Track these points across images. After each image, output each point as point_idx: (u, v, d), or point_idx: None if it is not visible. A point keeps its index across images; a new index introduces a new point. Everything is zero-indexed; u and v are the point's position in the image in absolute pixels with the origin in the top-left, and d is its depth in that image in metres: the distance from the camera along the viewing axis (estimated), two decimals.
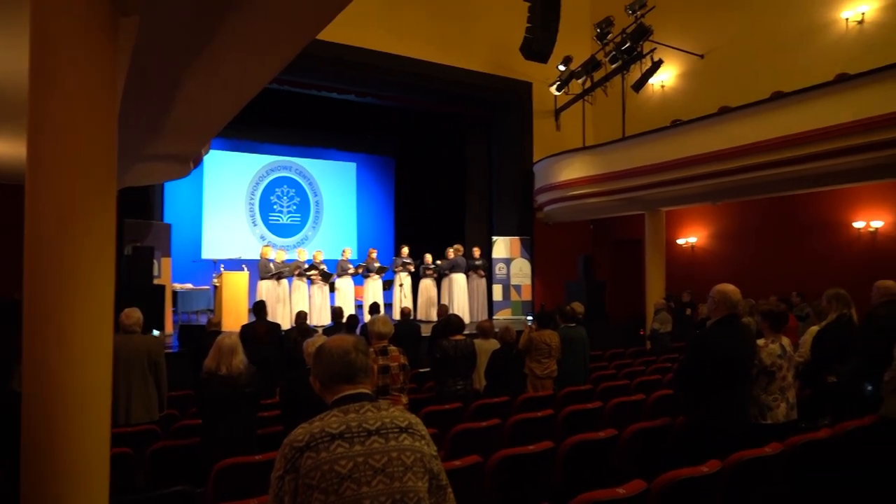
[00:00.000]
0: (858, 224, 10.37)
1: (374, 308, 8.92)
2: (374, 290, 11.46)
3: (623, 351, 9.72)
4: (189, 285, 12.28)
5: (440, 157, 15.79)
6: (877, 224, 10.17)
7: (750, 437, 3.46)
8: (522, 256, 13.60)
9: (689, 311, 10.78)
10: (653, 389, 5.59)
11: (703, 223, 12.99)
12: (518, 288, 13.55)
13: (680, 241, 13.28)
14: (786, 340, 3.91)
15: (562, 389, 5.92)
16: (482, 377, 6.32)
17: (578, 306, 7.03)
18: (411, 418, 1.77)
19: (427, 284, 12.06)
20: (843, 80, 8.57)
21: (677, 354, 8.36)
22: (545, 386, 6.24)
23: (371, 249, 12.01)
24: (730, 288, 3.59)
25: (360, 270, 11.55)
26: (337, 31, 9.99)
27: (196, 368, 5.04)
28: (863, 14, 10.27)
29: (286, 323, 9.82)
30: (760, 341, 3.83)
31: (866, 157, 8.04)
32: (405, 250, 12.09)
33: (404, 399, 4.59)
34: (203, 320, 10.98)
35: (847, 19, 10.46)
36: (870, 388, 4.24)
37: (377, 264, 11.65)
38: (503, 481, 3.32)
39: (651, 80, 12.89)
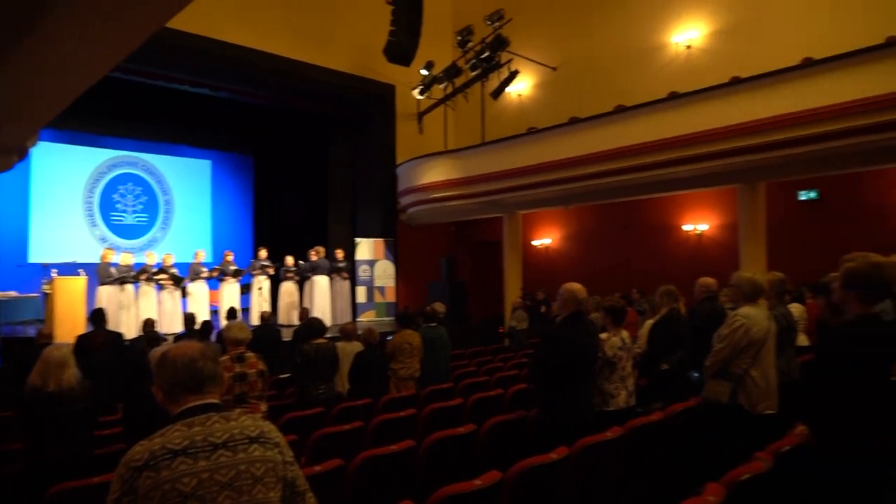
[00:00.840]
0: (688, 227, 11.56)
1: (231, 313, 8.52)
2: (230, 294, 10.93)
3: (483, 349, 10.06)
4: (13, 293, 10.96)
5: (302, 157, 15.39)
6: (702, 227, 11.40)
7: (594, 423, 3.73)
8: (386, 258, 13.64)
9: (543, 309, 11.39)
10: (511, 384, 5.84)
11: (557, 226, 13.81)
12: (382, 290, 13.56)
13: (536, 243, 14.01)
14: (625, 333, 4.26)
15: (424, 389, 6.01)
16: (345, 380, 6.25)
17: (440, 307, 7.17)
18: (264, 427, 1.70)
19: (288, 287, 11.71)
20: (674, 98, 9.52)
21: (533, 350, 8.79)
22: (408, 386, 6.29)
23: (227, 252, 11.45)
24: (576, 286, 3.85)
25: (215, 274, 10.97)
26: (191, 21, 9.42)
27: (22, 386, 4.51)
28: (690, 40, 11.47)
29: (131, 332, 9.07)
30: (603, 335, 4.14)
31: (694, 168, 8.99)
32: (263, 252, 11.64)
33: (263, 407, 4.41)
34: (32, 332, 9.83)
35: (678, 44, 11.63)
36: (696, 374, 4.74)
37: (233, 267, 11.12)
38: (366, 482, 3.31)
39: (509, 89, 13.48)
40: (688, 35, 11.50)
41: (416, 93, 13.50)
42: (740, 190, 9.36)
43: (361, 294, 13.35)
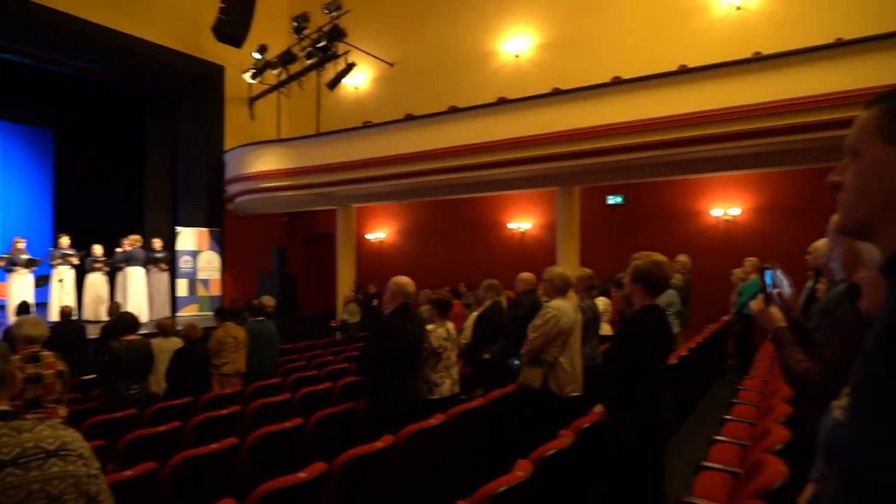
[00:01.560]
0: (512, 225, 12.33)
1: (23, 308, 7.55)
2: (21, 286, 9.63)
3: (315, 342, 9.93)
4: None
5: (115, 135, 13.97)
6: (525, 226, 12.22)
7: (420, 411, 3.87)
8: (211, 249, 12.88)
9: (376, 302, 11.50)
10: (341, 377, 5.85)
11: (392, 220, 13.99)
12: (206, 282, 12.79)
13: (370, 237, 14.08)
14: (450, 325, 4.47)
15: (251, 385, 5.81)
16: (161, 380, 5.83)
17: (268, 300, 6.95)
18: (65, 436, 1.53)
19: (95, 280, 10.59)
20: (503, 103, 10.10)
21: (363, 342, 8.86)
22: (233, 383, 6.04)
23: (17, 238, 10.01)
24: (404, 280, 3.97)
25: (3, 264, 9.62)
26: None
27: None
28: (519, 50, 12.22)
29: None
30: (429, 326, 4.31)
31: (518, 170, 9.62)
32: (65, 240, 10.36)
33: (62, 411, 3.97)
34: None
35: (507, 52, 12.33)
36: (515, 362, 5.11)
37: (26, 256, 9.79)
38: (184, 484, 3.14)
39: (346, 81, 13.37)
40: (517, 45, 12.24)
41: (247, 76, 12.90)
42: (558, 192, 10.18)
43: (182, 287, 12.47)
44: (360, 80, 14.15)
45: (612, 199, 11.23)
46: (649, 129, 8.32)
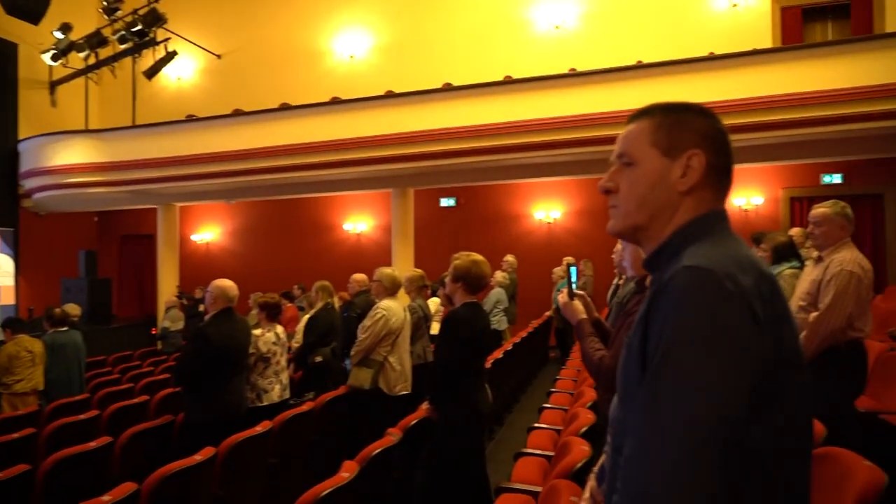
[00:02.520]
0: (348, 226, 12.24)
1: None
2: None
3: (131, 353, 9.10)
4: None
5: None
6: (361, 227, 12.20)
7: (248, 419, 3.71)
8: (2, 251, 11.28)
9: (202, 308, 10.80)
10: (159, 389, 5.41)
11: (220, 220, 13.23)
12: None
13: (195, 238, 13.20)
14: (280, 329, 4.33)
15: (50, 404, 5.17)
16: None
17: (72, 308, 6.25)
18: None
19: None
20: (337, 103, 9.99)
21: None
22: (28, 402, 5.35)
23: None
24: (227, 283, 3.78)
25: None
26: None
27: None
28: (354, 51, 12.16)
29: None
30: (257, 331, 4.14)
31: (353, 171, 9.56)
32: None
33: None
34: None
35: (342, 52, 12.22)
36: (348, 364, 5.08)
37: None
38: None
39: (167, 71, 12.43)
40: (352, 46, 12.17)
41: (46, 58, 11.47)
42: (393, 194, 10.30)
43: None
44: (183, 70, 13.21)
45: (446, 202, 11.60)
46: (479, 135, 8.70)
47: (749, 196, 9.85)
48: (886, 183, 9.22)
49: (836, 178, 9.51)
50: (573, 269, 2.11)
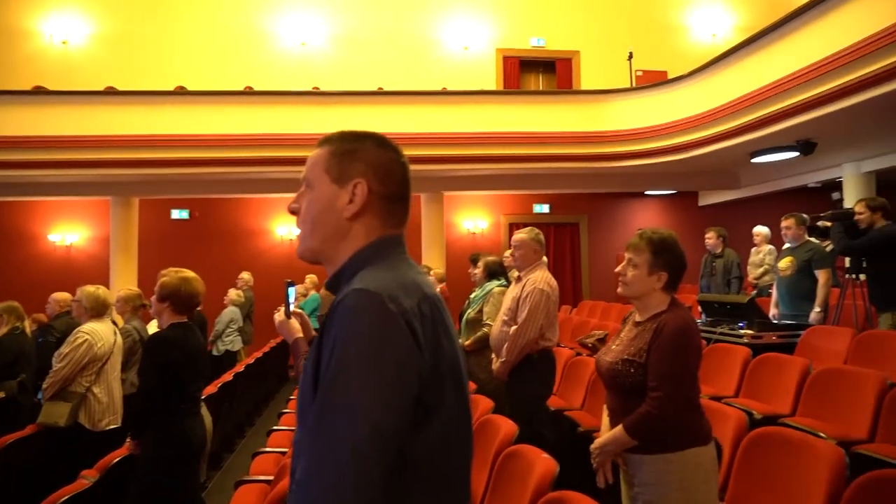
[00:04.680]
0: (55, 237, 10.54)
1: None
2: None
3: None
4: None
5: None
6: (72, 238, 10.60)
7: None
8: None
9: None
10: None
11: None
12: None
13: None
14: None
15: None
16: None
17: None
18: None
19: None
20: (42, 94, 8.62)
21: None
22: None
23: None
24: None
25: None
26: None
27: None
28: (67, 36, 10.64)
29: None
30: None
31: (62, 173, 8.28)
32: None
33: None
34: None
35: (52, 35, 10.61)
36: (41, 398, 4.34)
37: None
38: None
39: None
40: (65, 29, 10.64)
41: None
42: (113, 202, 9.19)
43: None
44: None
45: (178, 214, 10.71)
46: (214, 144, 8.22)
47: (476, 220, 10.91)
48: (582, 213, 11.01)
49: (545, 208, 11.08)
50: (291, 289, 2.09)
